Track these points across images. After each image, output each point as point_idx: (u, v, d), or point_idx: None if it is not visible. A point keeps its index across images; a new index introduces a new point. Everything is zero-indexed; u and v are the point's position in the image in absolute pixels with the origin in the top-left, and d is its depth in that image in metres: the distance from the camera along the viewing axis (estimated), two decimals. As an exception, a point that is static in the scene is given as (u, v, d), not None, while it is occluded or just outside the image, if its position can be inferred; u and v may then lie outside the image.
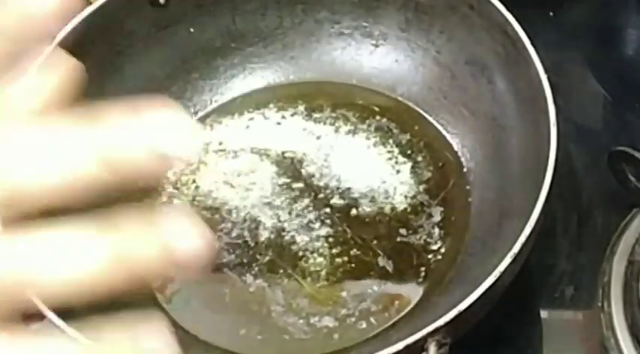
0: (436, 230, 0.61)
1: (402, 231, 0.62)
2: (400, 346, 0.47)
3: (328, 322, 0.58)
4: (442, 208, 0.62)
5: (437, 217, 0.62)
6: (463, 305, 0.48)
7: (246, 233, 0.62)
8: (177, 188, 0.65)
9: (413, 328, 0.49)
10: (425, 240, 0.61)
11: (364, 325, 0.57)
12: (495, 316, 0.53)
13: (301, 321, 0.58)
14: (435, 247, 0.61)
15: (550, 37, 0.74)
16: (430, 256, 0.60)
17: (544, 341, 0.60)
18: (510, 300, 0.53)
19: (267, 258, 0.61)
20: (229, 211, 0.64)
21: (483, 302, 0.49)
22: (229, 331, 0.58)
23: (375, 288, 0.59)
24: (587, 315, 0.60)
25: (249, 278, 0.60)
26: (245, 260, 0.61)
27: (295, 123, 0.69)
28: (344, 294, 0.59)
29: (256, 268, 0.61)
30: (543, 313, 0.61)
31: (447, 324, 0.47)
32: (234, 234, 0.62)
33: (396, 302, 0.58)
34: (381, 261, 0.60)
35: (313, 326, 0.57)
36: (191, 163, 0.66)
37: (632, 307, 0.55)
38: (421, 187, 0.64)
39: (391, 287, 0.59)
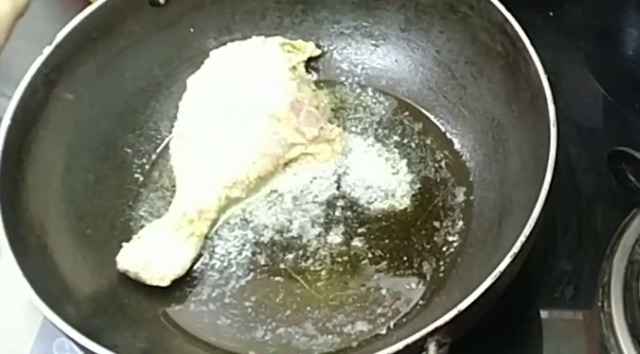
0: (436, 230, 0.61)
1: (402, 230, 0.62)
2: (400, 346, 0.47)
3: (328, 322, 0.58)
4: (442, 209, 0.62)
5: (437, 217, 0.62)
6: (463, 305, 0.48)
7: (247, 233, 0.62)
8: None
9: (413, 328, 0.49)
10: (425, 240, 0.61)
11: (364, 325, 0.57)
12: (495, 316, 0.53)
13: (299, 330, 0.58)
14: (435, 247, 0.61)
15: (550, 37, 0.74)
16: (430, 256, 0.60)
17: (544, 341, 0.60)
18: (510, 300, 0.53)
19: (268, 258, 0.61)
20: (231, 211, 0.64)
21: (483, 302, 0.49)
22: (228, 332, 0.58)
23: (376, 288, 0.59)
24: (587, 315, 0.60)
25: (249, 278, 0.60)
26: (246, 260, 0.61)
27: (295, 123, 0.69)
28: (344, 293, 0.59)
29: (257, 268, 0.61)
30: (543, 313, 0.61)
31: (446, 324, 0.47)
32: (235, 234, 0.62)
33: (397, 302, 0.58)
34: (382, 261, 0.60)
35: (315, 325, 0.58)
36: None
37: (632, 307, 0.55)
38: (421, 187, 0.64)
39: (391, 287, 0.59)
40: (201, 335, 0.58)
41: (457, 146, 0.66)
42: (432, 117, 0.67)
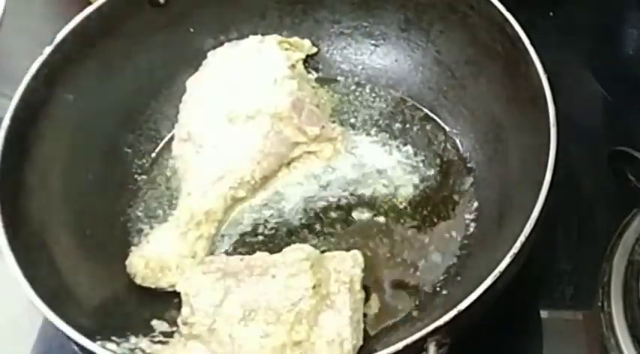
0: (436, 230, 0.61)
1: (402, 230, 0.62)
2: (400, 346, 0.47)
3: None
4: (442, 208, 0.62)
5: (437, 217, 0.62)
6: (463, 305, 0.48)
7: (247, 230, 0.62)
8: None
9: (413, 328, 0.49)
10: (425, 239, 0.61)
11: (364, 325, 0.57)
12: (495, 316, 0.53)
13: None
14: (435, 247, 0.61)
15: (550, 37, 0.74)
16: (430, 256, 0.60)
17: (544, 341, 0.60)
18: (510, 300, 0.53)
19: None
20: (229, 211, 0.64)
21: (483, 302, 0.49)
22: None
23: (383, 285, 0.59)
24: (587, 315, 0.60)
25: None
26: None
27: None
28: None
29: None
30: (543, 313, 0.61)
31: (446, 324, 0.47)
32: (235, 232, 0.62)
33: (397, 302, 0.58)
34: (389, 259, 0.60)
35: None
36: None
37: (632, 307, 0.55)
38: (421, 187, 0.64)
39: (398, 285, 0.59)
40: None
41: (458, 146, 0.65)
42: (432, 116, 0.67)
